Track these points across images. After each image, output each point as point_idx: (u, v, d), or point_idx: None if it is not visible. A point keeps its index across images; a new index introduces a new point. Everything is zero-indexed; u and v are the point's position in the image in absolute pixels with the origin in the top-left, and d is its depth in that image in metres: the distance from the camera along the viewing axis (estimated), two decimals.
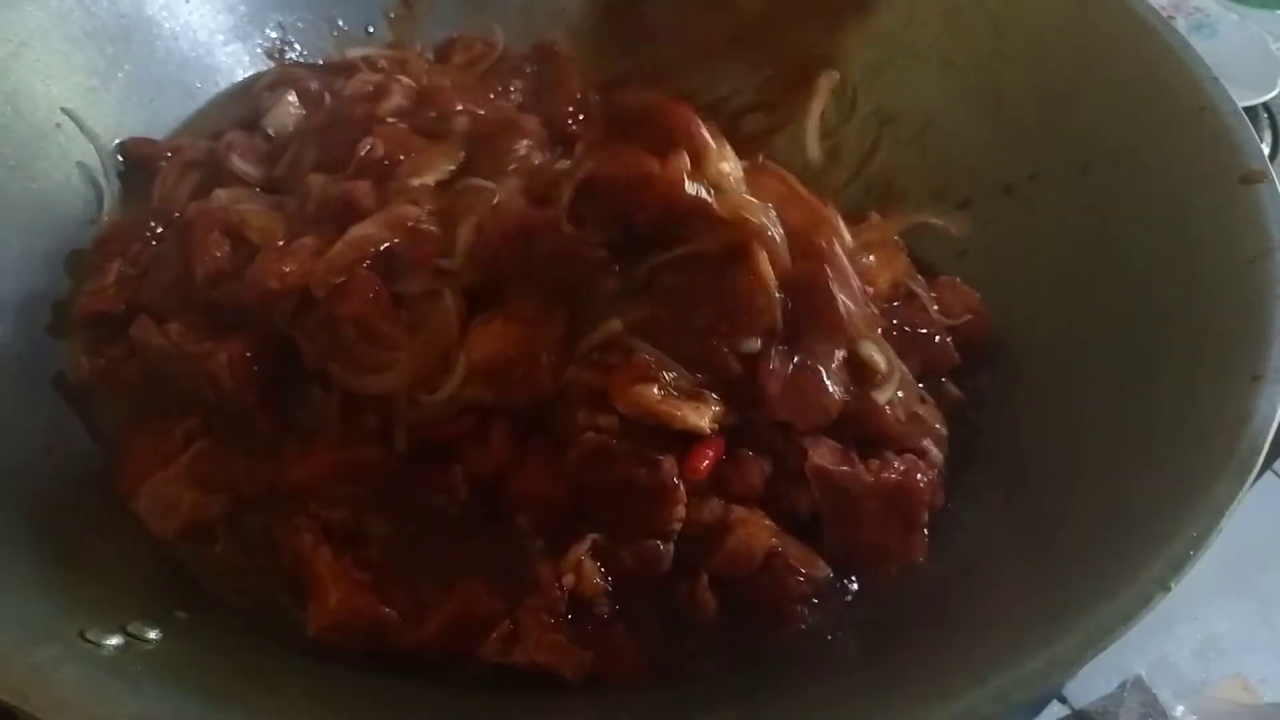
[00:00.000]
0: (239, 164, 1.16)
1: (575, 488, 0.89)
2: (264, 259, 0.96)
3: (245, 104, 1.27)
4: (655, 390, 0.87)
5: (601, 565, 0.89)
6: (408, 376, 0.91)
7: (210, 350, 0.95)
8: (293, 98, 1.23)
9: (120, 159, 1.19)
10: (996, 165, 1.15)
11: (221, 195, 1.08)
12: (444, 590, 0.89)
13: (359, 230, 0.96)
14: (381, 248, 0.95)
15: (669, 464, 0.86)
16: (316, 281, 0.92)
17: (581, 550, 0.88)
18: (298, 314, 0.95)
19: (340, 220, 0.99)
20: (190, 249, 1.00)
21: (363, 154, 1.07)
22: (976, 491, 0.95)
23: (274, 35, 1.36)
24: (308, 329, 0.95)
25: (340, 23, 1.39)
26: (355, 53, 1.35)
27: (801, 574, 0.88)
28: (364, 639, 0.87)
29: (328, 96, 1.24)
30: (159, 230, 1.11)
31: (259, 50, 1.35)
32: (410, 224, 0.97)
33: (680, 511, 0.87)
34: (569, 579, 0.88)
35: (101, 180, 1.17)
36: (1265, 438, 0.77)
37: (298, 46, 1.37)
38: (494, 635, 0.86)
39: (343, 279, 0.93)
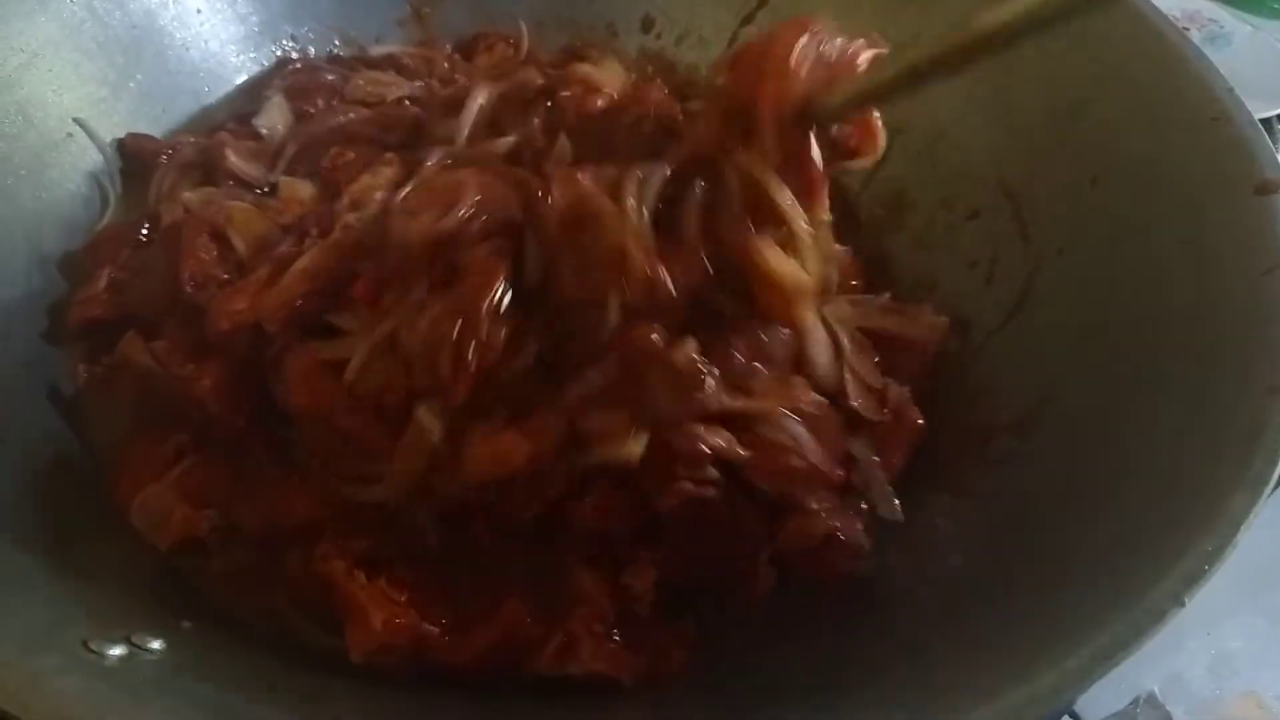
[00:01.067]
0: (235, 161, 1.16)
1: (667, 528, 0.90)
2: (218, 297, 0.94)
3: (248, 100, 1.29)
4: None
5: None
6: (401, 489, 0.88)
7: (195, 374, 0.94)
8: (279, 99, 1.24)
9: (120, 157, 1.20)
10: (1007, 176, 1.14)
11: (191, 198, 1.07)
12: (484, 604, 0.88)
13: (301, 262, 0.93)
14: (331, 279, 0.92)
15: (759, 521, 0.90)
16: (267, 317, 0.91)
17: (647, 559, 0.89)
18: (255, 349, 0.94)
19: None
20: (178, 253, 0.99)
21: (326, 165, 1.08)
22: (988, 504, 0.94)
23: (286, 45, 1.36)
24: (269, 364, 0.94)
25: (352, 33, 1.40)
26: (380, 50, 1.36)
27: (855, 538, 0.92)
28: (409, 659, 0.86)
29: (320, 101, 1.25)
30: (148, 233, 1.10)
31: (271, 61, 1.35)
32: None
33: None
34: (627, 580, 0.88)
35: (110, 189, 1.17)
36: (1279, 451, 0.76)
37: (312, 54, 1.38)
38: (548, 649, 0.85)
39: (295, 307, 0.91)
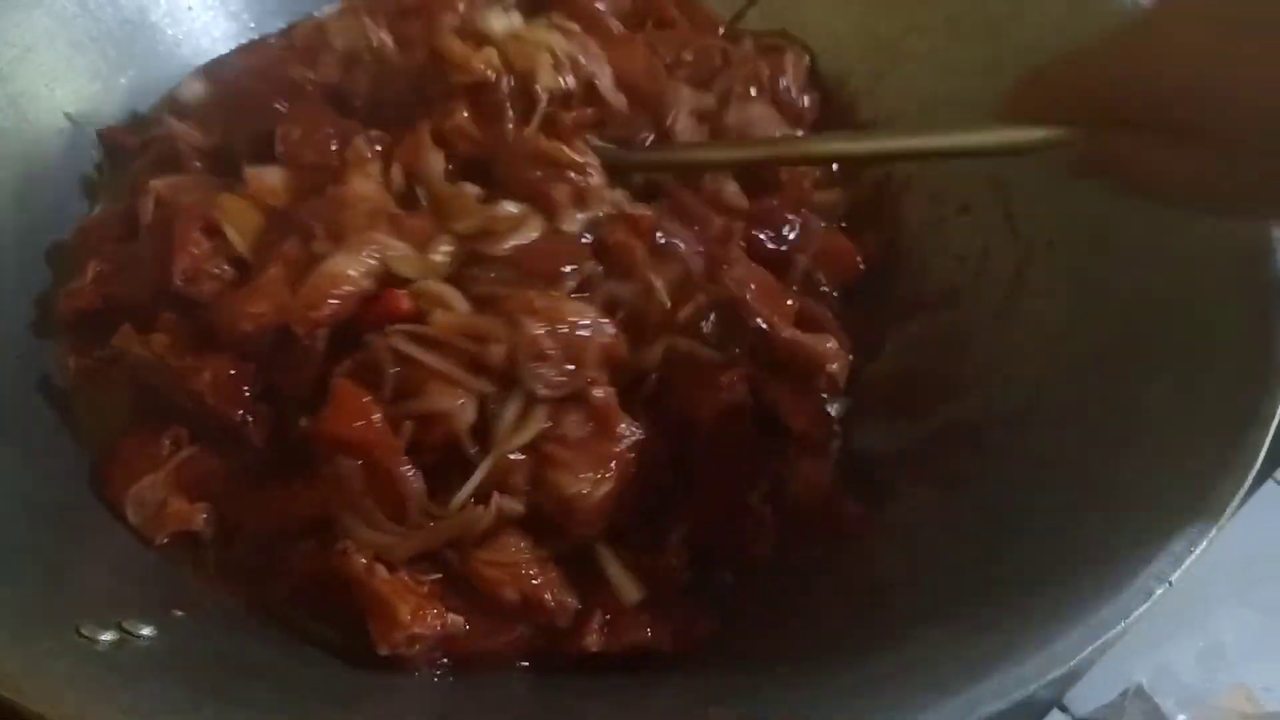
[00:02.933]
0: (178, 127, 1.15)
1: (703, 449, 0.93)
2: (233, 299, 0.94)
3: None
4: None
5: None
6: (406, 555, 0.87)
7: (194, 366, 0.93)
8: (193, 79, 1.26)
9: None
10: (996, 169, 1.15)
11: (158, 185, 1.06)
12: None
13: (333, 266, 0.92)
14: (358, 289, 0.92)
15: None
16: (298, 320, 0.90)
17: (678, 535, 0.91)
18: (275, 352, 0.93)
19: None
20: (169, 247, 0.97)
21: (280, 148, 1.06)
22: (978, 492, 0.95)
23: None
24: (287, 367, 0.93)
25: None
26: (331, 6, 1.33)
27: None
28: (438, 648, 0.86)
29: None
30: (127, 225, 1.08)
31: None
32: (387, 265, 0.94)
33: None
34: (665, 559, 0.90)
35: (99, 182, 1.18)
36: (1266, 435, 0.77)
37: None
38: (592, 625, 0.86)
39: (329, 311, 0.91)
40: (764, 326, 0.99)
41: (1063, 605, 0.70)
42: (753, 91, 1.25)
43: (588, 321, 0.91)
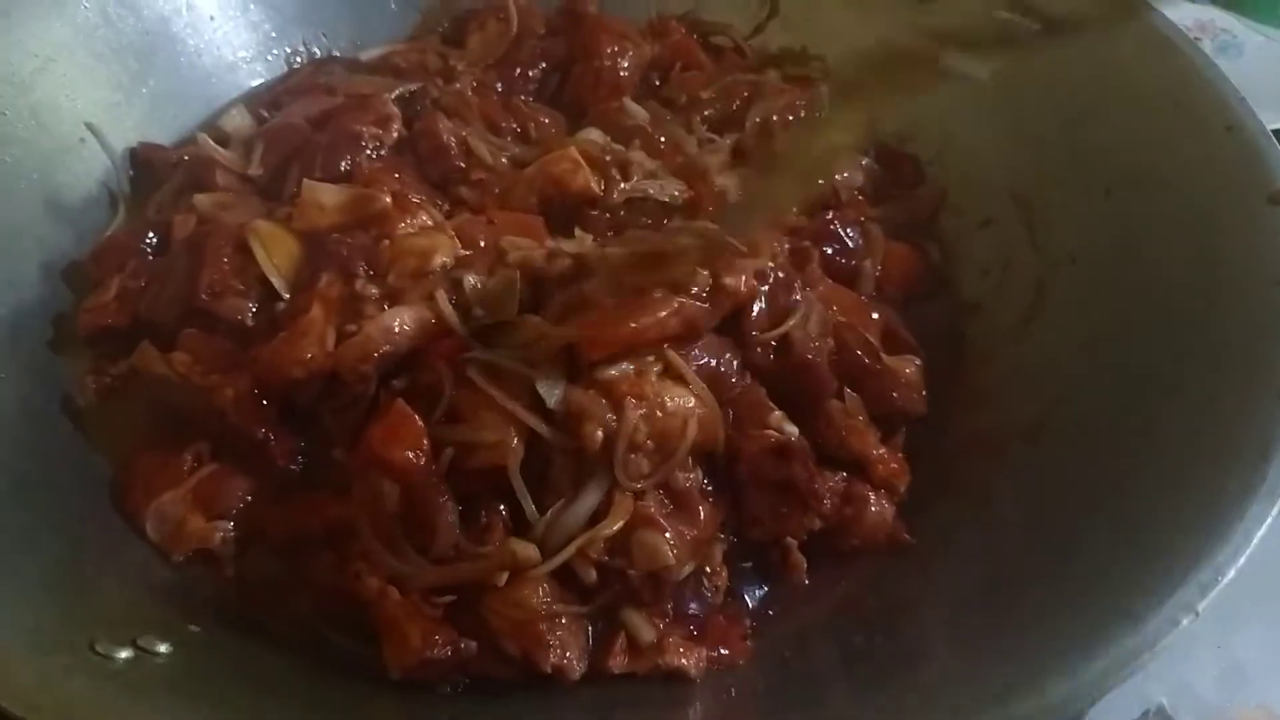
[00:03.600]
0: (219, 151, 1.15)
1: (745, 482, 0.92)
2: (280, 345, 0.92)
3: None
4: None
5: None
6: (425, 587, 0.86)
7: (217, 384, 0.93)
8: (240, 106, 1.25)
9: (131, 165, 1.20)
10: (1018, 184, 1.14)
11: (204, 199, 1.07)
12: None
13: (388, 320, 0.91)
14: (409, 341, 0.91)
15: (822, 481, 0.93)
16: (346, 368, 0.90)
17: (720, 553, 0.90)
18: (324, 395, 0.93)
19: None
20: (200, 262, 0.98)
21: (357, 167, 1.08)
22: (999, 510, 0.94)
23: (300, 50, 1.37)
24: (334, 408, 0.93)
25: (363, 39, 1.39)
26: (371, 54, 1.35)
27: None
28: (449, 670, 0.85)
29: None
30: (156, 242, 1.09)
31: (282, 68, 1.36)
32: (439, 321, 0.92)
33: (818, 521, 0.92)
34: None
35: (120, 196, 1.18)
36: None
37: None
38: (617, 647, 0.85)
39: (378, 360, 0.90)
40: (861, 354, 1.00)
41: (1087, 634, 0.69)
42: (790, 118, 1.26)
43: (686, 409, 0.88)
